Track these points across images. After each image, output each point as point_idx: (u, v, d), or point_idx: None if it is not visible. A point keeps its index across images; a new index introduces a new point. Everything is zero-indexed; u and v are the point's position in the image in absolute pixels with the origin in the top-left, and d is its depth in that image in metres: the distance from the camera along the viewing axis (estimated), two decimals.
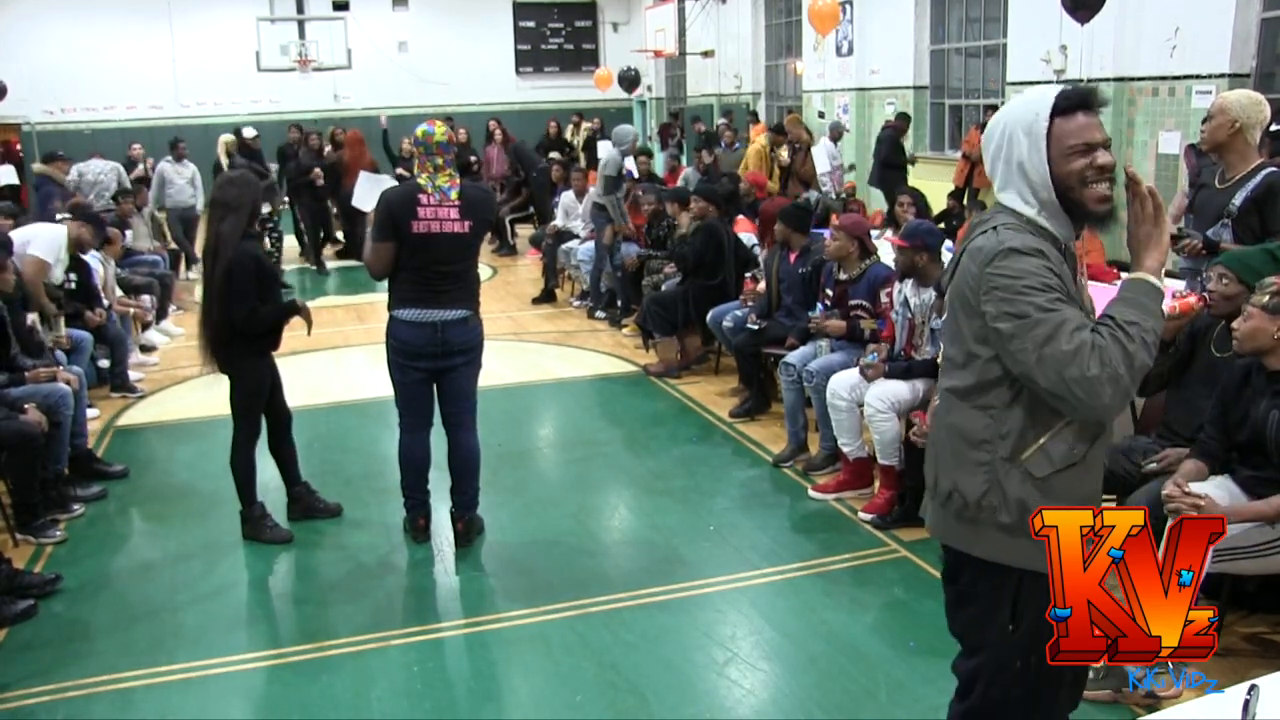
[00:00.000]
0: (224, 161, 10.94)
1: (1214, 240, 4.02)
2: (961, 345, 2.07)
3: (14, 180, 11.60)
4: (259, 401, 4.40)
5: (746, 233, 7.31)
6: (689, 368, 6.98)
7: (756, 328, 5.87)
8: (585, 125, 15.55)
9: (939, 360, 2.20)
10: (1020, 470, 2.01)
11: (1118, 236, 8.00)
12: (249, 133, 12.25)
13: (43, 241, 5.92)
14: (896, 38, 13.42)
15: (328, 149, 11.79)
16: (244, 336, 4.23)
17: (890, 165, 11.45)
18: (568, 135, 15.23)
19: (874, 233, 5.62)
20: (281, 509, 4.62)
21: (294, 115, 16.15)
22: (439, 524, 4.46)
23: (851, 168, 12.62)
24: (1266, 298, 3.11)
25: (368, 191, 4.57)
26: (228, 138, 11.49)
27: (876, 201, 11.91)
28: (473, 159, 11.98)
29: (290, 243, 12.10)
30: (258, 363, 4.35)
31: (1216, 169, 4.25)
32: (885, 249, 5.43)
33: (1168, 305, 3.77)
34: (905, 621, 3.68)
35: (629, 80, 17.73)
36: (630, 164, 9.20)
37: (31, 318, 5.29)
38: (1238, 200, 4.00)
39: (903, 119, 12.18)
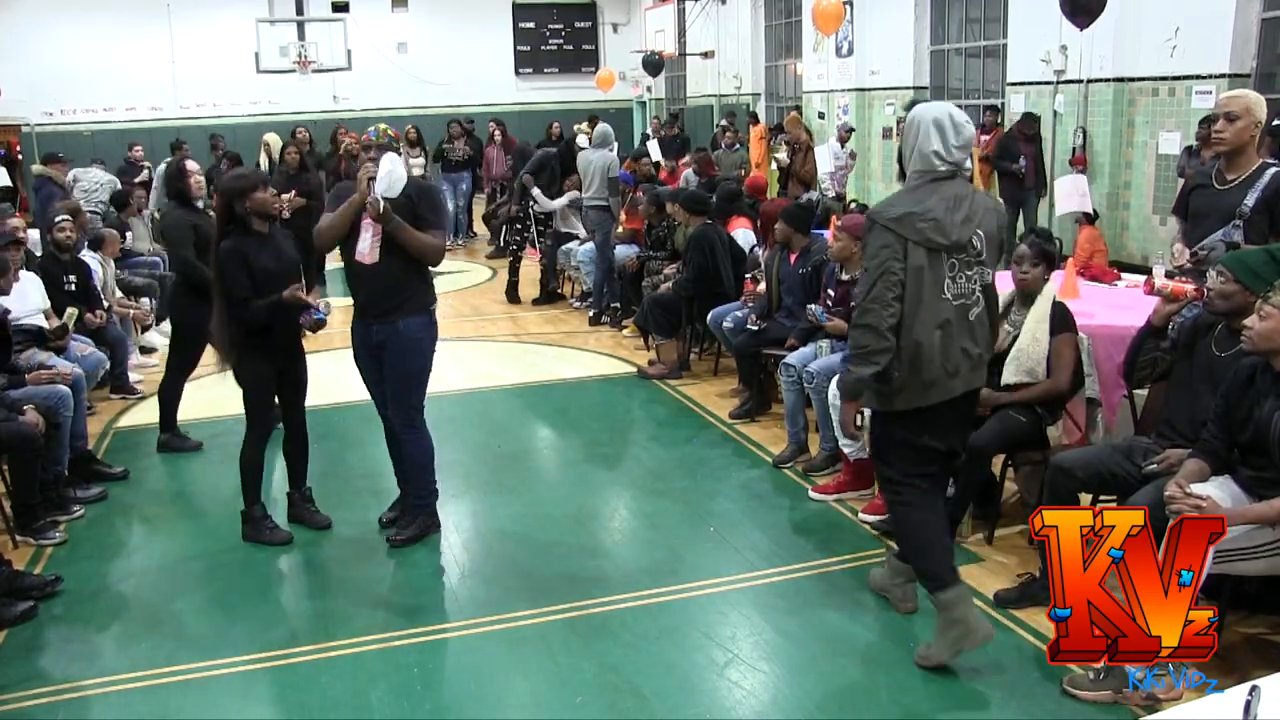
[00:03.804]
0: (263, 161, 10.70)
1: (1233, 243, 3.95)
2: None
3: (7, 182, 11.57)
4: (262, 399, 4.41)
5: (743, 228, 7.29)
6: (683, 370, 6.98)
7: (756, 329, 5.87)
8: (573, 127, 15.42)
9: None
10: None
11: (1119, 236, 8.03)
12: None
13: None
14: (896, 38, 13.42)
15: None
16: (244, 333, 4.26)
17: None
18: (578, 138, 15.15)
19: None
20: (282, 510, 4.62)
21: (293, 117, 16.14)
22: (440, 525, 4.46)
23: (852, 155, 12.45)
24: None
25: (388, 175, 4.14)
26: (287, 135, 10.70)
27: (877, 200, 11.82)
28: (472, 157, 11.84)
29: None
30: (257, 359, 4.35)
31: (1211, 168, 4.22)
32: None
33: (1161, 285, 3.77)
34: (905, 621, 3.67)
35: (653, 65, 17.67)
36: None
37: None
38: (1250, 201, 3.96)
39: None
